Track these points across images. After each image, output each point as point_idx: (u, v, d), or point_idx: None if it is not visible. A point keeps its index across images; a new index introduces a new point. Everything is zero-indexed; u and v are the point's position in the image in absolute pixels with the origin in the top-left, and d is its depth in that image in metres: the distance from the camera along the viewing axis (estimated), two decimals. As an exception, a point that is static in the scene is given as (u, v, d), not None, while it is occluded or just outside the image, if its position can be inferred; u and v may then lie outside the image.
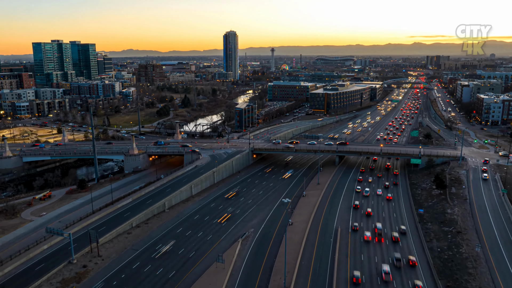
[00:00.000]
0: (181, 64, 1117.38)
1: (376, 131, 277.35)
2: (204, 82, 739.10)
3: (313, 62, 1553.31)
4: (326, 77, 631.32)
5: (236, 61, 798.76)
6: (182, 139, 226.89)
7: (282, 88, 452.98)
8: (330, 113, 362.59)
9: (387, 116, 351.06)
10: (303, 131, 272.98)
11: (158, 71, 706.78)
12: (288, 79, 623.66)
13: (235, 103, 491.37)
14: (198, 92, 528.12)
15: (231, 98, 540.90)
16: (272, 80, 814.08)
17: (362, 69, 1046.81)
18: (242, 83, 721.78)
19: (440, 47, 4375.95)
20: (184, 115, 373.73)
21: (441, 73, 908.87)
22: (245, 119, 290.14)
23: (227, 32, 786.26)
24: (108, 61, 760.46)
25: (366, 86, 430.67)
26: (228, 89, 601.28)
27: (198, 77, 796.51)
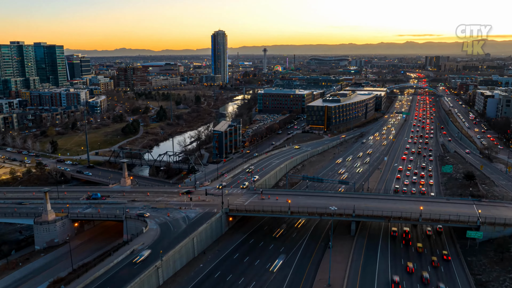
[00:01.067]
0: (168, 65, 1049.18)
1: (393, 159, 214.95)
2: (190, 86, 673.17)
3: (306, 62, 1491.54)
4: (322, 81, 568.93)
5: (225, 63, 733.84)
6: (132, 186, 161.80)
7: (274, 97, 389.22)
8: (331, 129, 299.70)
9: (400, 134, 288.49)
10: (300, 161, 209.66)
11: (139, 75, 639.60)
12: (281, 84, 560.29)
13: (221, 114, 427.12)
14: (179, 99, 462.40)
15: (217, 107, 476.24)
16: (264, 84, 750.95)
17: (358, 70, 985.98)
18: (231, 88, 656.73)
19: (433, 46, 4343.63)
20: (156, 133, 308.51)
21: (441, 74, 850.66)
22: (226, 143, 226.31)
23: (215, 31, 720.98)
24: (86, 63, 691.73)
25: (371, 95, 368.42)
26: (215, 95, 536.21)
27: (184, 80, 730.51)
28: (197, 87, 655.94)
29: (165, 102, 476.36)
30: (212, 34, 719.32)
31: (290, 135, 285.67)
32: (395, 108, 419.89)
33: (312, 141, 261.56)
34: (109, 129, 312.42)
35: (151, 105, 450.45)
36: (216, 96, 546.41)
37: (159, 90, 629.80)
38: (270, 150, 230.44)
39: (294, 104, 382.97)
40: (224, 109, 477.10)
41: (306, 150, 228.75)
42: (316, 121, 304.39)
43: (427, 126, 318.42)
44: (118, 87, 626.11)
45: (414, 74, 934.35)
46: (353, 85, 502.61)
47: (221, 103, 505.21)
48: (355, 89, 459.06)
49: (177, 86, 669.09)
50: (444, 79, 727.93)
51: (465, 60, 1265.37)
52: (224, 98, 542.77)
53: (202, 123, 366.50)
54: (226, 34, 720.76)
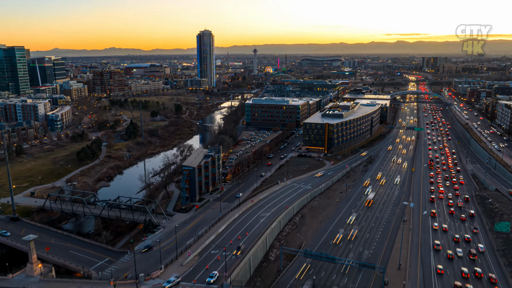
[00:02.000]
0: (153, 67, 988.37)
1: (419, 204, 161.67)
2: (173, 91, 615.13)
3: (298, 62, 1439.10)
4: (317, 86, 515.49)
5: (212, 65, 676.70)
6: (42, 277, 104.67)
7: (264, 109, 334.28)
8: (333, 151, 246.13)
9: (416, 159, 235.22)
10: (298, 209, 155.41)
11: (117, 79, 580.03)
12: (272, 89, 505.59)
13: (204, 127, 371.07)
14: (157, 109, 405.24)
15: (200, 117, 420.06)
16: (254, 87, 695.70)
17: (353, 72, 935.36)
18: (218, 93, 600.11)
19: (423, 45, 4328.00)
20: (121, 156, 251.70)
21: (441, 76, 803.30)
22: (201, 181, 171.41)
23: (200, 31, 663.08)
24: (60, 66, 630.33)
25: (376, 107, 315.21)
26: (198, 103, 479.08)
27: (168, 84, 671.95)
28: (181, 92, 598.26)
29: (143, 112, 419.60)
30: (198, 34, 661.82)
31: (284, 160, 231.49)
32: (402, 119, 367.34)
33: (311, 171, 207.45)
34: (63, 153, 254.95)
35: (125, 116, 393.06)
36: (200, 103, 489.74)
37: (139, 96, 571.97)
38: (258, 191, 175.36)
39: (288, 117, 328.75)
40: (208, 120, 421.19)
41: (305, 188, 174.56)
42: (314, 142, 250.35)
43: (446, 146, 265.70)
44: (93, 93, 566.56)
45: (412, 76, 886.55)
46: (352, 92, 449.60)
47: (206, 112, 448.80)
48: (355, 96, 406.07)
49: (159, 91, 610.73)
50: (445, 82, 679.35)
51: (460, 60, 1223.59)
52: (209, 105, 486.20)
53: (180, 139, 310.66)
54: (212, 34, 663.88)
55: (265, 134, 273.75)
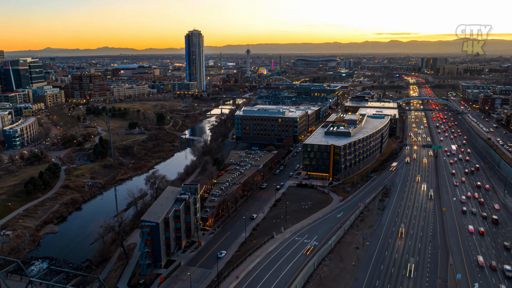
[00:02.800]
0: (142, 68, 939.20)
1: (464, 271, 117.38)
2: (160, 96, 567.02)
3: (293, 63, 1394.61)
4: (315, 91, 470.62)
5: (202, 68, 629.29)
6: None
7: (257, 122, 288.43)
8: (339, 178, 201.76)
9: (442, 191, 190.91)
10: (302, 285, 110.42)
11: (98, 83, 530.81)
12: (266, 95, 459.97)
13: (188, 141, 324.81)
14: (136, 120, 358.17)
15: (185, 127, 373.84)
16: (247, 91, 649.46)
17: (350, 73, 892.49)
18: (208, 97, 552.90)
19: (417, 45, 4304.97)
20: (80, 186, 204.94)
21: (442, 78, 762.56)
22: (169, 238, 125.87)
23: (189, 31, 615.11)
24: (38, 69, 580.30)
25: (385, 120, 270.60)
26: (184, 111, 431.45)
27: (154, 87, 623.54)
28: (168, 97, 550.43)
29: (121, 122, 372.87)
30: (186, 35, 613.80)
31: (280, 192, 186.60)
32: (411, 131, 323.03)
33: (316, 211, 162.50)
34: (11, 181, 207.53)
35: (99, 128, 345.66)
36: (186, 111, 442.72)
37: (122, 102, 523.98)
38: (247, 246, 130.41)
39: (284, 131, 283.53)
40: (195, 131, 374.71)
41: (310, 245, 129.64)
42: (317, 167, 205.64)
43: (472, 172, 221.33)
44: (72, 99, 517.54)
45: (411, 77, 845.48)
46: (354, 99, 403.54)
47: (192, 121, 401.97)
48: (358, 105, 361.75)
49: (144, 96, 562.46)
50: (448, 85, 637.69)
51: (458, 60, 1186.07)
52: (196, 113, 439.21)
53: (158, 158, 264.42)
54: (202, 34, 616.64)
55: (257, 156, 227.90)
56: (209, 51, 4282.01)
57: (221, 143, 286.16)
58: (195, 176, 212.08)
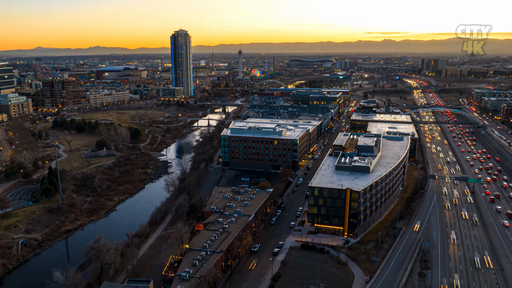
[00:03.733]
0: (127, 70, 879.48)
1: None
2: (143, 103, 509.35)
3: (287, 63, 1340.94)
4: (314, 99, 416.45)
5: (189, 71, 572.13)
6: None
7: (248, 144, 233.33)
8: (358, 235, 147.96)
9: (496, 252, 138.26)
10: None
11: (71, 90, 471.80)
12: (259, 104, 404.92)
13: (166, 165, 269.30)
14: (106, 138, 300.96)
15: (164, 145, 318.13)
16: (238, 96, 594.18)
17: (347, 76, 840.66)
18: (194, 105, 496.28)
19: (410, 44, 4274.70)
20: (5, 247, 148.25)
21: (445, 81, 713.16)
22: None
23: (175, 31, 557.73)
24: (7, 73, 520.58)
25: (405, 143, 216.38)
26: (165, 125, 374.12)
27: (138, 93, 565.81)
28: (151, 104, 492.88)
29: (90, 139, 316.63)
30: (172, 35, 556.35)
31: (279, 259, 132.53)
32: (432, 152, 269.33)
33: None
34: None
35: (61, 148, 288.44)
36: (168, 122, 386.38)
37: (99, 110, 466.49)
38: None
39: (281, 155, 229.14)
40: (175, 149, 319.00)
41: None
42: (327, 217, 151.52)
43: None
44: (43, 107, 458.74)
45: (412, 80, 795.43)
46: (360, 111, 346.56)
47: (174, 136, 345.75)
48: (366, 118, 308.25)
49: (124, 104, 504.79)
50: (455, 90, 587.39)
51: (455, 61, 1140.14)
52: (180, 125, 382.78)
53: (124, 193, 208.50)
54: (189, 34, 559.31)
55: (247, 197, 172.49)
56: (202, 51, 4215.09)
57: (203, 171, 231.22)
58: (163, 229, 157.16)
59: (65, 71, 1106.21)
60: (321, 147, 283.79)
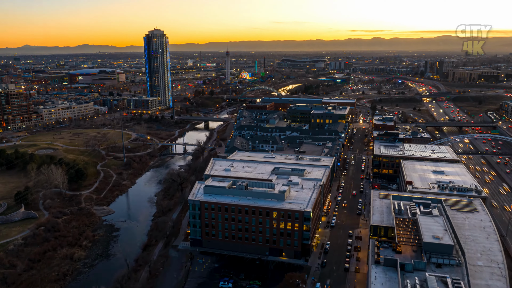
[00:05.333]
0: (104, 73, 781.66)
1: None
2: (107, 118, 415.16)
3: (278, 63, 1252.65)
4: (317, 117, 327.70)
5: (166, 78, 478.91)
6: None
7: (232, 214, 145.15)
8: None
9: None
10: None
11: (19, 104, 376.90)
12: (248, 123, 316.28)
13: (111, 231, 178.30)
14: (30, 187, 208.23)
15: (117, 191, 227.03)
16: (224, 107, 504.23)
17: (345, 79, 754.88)
18: (171, 121, 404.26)
19: (400, 43, 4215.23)
20: None
21: (455, 86, 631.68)
22: None
23: (149, 31, 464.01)
24: None
25: (488, 222, 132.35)
26: (125, 156, 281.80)
27: (106, 104, 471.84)
28: (119, 119, 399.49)
29: (17, 181, 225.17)
30: (145, 36, 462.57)
31: None
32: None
33: None
34: None
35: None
36: (134, 149, 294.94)
37: (55, 128, 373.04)
38: None
39: (284, 234, 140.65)
40: (129, 203, 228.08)
41: None
42: None
43: None
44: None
45: (415, 84, 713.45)
46: (382, 139, 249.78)
47: (134, 175, 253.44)
48: (395, 153, 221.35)
49: (87, 119, 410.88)
50: (472, 98, 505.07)
51: (454, 61, 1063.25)
52: (146, 155, 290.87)
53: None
54: (166, 35, 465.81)
55: None
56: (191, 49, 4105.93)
57: (159, 260, 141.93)
58: None
59: (40, 72, 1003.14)
60: (336, 199, 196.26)
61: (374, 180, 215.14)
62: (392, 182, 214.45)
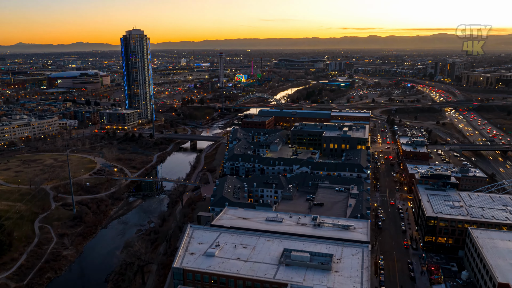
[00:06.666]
0: (86, 77, 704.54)
1: None
2: (76, 136, 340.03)
3: (275, 63, 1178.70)
4: (329, 141, 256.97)
5: (147, 86, 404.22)
6: None
7: None
8: None
9: None
10: None
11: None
12: (244, 148, 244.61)
13: None
14: None
15: (54, 271, 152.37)
16: (216, 118, 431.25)
17: (349, 82, 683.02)
18: (150, 140, 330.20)
19: (396, 40, 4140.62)
20: None
21: (470, 91, 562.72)
22: None
23: (127, 32, 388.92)
24: None
25: None
26: (74, 209, 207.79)
27: (77, 116, 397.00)
28: (88, 137, 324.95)
29: None
30: (123, 36, 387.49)
31: None
32: None
33: None
34: None
35: None
36: (94, 187, 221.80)
37: (4, 151, 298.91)
38: None
39: None
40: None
41: None
42: None
43: None
44: None
45: (426, 88, 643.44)
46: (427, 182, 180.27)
47: (84, 235, 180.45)
48: (456, 215, 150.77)
49: (48, 137, 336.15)
50: (498, 107, 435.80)
51: (458, 60, 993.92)
52: (107, 197, 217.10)
53: None
54: (147, 36, 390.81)
55: None
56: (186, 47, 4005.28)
57: None
58: None
59: (22, 74, 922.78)
60: None
61: (428, 257, 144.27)
62: (452, 257, 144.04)
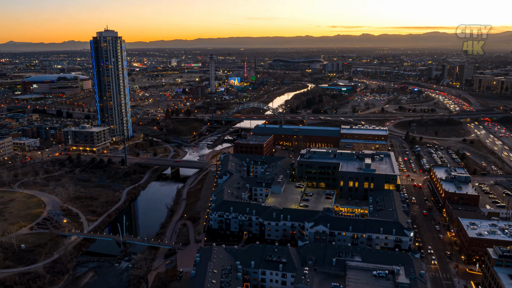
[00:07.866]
0: (63, 81, 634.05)
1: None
2: (32, 162, 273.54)
3: (269, 64, 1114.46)
4: (347, 178, 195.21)
5: (123, 97, 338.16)
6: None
7: None
8: None
9: None
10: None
11: None
12: (238, 180, 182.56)
13: None
14: None
15: None
16: (204, 133, 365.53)
17: (351, 87, 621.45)
18: (122, 168, 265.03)
19: (388, 39, 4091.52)
20: None
21: (484, 96, 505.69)
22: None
23: (98, 33, 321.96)
24: None
25: None
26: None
27: (40, 135, 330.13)
28: (48, 161, 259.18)
29: None
30: (92, 39, 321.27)
31: None
32: None
33: None
34: None
35: None
36: (32, 247, 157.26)
37: None
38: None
39: None
40: None
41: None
42: None
43: None
44: None
45: (434, 92, 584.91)
46: (508, 263, 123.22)
47: None
48: None
49: (1, 162, 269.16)
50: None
51: (457, 60, 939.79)
52: (45, 273, 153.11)
53: None
54: (122, 38, 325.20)
55: None
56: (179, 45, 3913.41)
57: None
58: None
59: (0, 77, 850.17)
60: None
61: None
62: None
